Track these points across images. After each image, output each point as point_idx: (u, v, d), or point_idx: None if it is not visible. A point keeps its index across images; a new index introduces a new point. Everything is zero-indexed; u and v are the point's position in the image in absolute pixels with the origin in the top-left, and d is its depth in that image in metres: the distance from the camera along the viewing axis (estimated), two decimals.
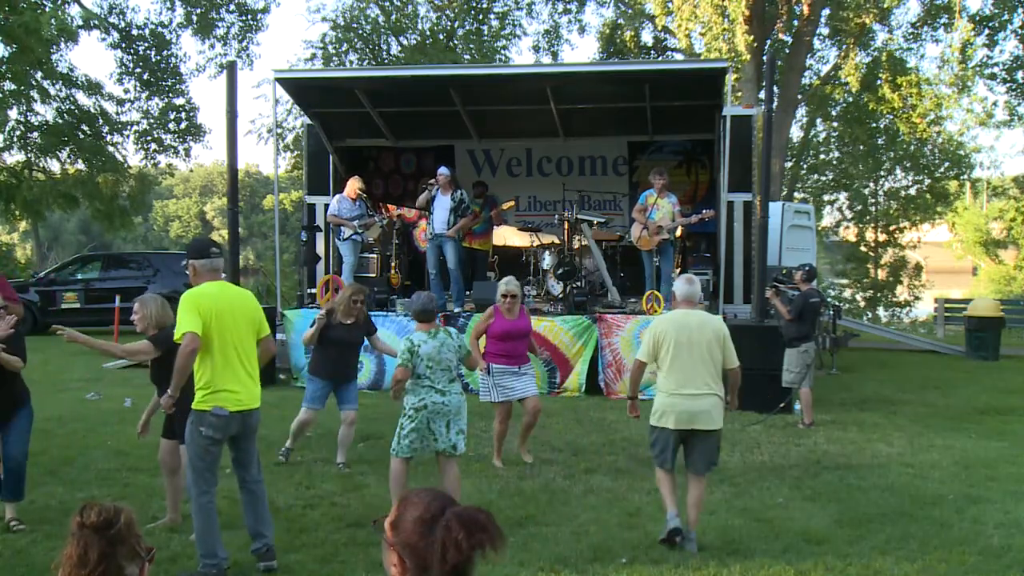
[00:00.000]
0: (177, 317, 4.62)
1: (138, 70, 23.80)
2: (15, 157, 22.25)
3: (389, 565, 1.95)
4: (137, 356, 5.93)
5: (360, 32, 25.78)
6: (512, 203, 13.16)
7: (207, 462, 4.67)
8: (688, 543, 5.11)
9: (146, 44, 23.99)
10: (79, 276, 17.50)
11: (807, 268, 9.25)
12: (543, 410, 9.26)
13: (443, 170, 11.37)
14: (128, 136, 23.80)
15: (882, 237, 29.28)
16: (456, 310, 10.97)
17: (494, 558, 1.90)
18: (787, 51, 23.16)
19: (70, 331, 5.17)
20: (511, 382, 6.97)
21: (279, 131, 23.20)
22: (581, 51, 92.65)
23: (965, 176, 28.36)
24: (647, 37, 27.13)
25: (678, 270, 12.06)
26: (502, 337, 6.98)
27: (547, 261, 11.69)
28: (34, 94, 21.02)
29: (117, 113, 23.31)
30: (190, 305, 4.55)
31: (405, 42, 25.99)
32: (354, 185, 11.48)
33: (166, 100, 24.43)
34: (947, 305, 20.84)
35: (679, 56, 24.81)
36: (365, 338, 7.27)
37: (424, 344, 5.45)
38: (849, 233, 30.36)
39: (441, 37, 25.87)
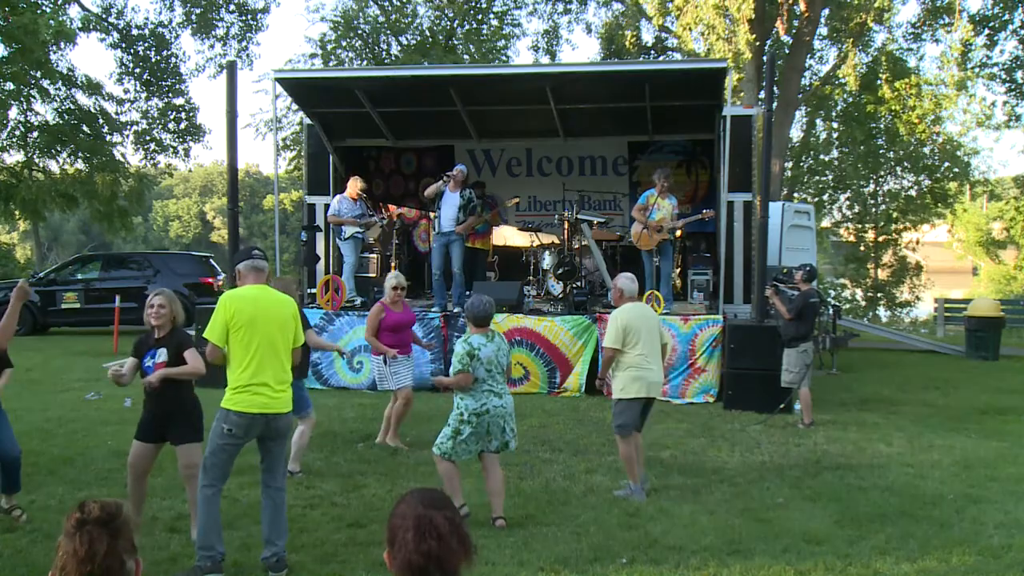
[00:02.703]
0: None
1: (138, 70, 23.82)
2: (15, 157, 22.30)
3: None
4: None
5: (360, 32, 25.79)
6: (517, 199, 13.23)
7: (220, 459, 4.70)
8: (644, 484, 6.20)
9: (146, 44, 24.01)
10: (79, 276, 17.50)
11: (807, 268, 9.24)
12: (544, 410, 9.33)
13: (461, 167, 11.29)
14: (128, 136, 23.85)
15: (882, 238, 29.27)
16: (456, 310, 10.96)
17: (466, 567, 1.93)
18: (787, 51, 23.15)
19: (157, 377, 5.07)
20: (403, 369, 7.61)
21: (278, 126, 23.20)
22: (581, 51, 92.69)
23: (964, 179, 28.33)
24: (647, 37, 27.15)
25: (678, 269, 12.08)
26: (395, 328, 7.66)
27: (547, 261, 11.70)
28: (34, 94, 21.05)
29: (117, 113, 23.35)
30: (221, 309, 4.69)
31: (405, 42, 26.00)
32: (355, 185, 11.49)
33: (166, 100, 24.46)
34: (947, 305, 20.83)
35: (679, 56, 24.81)
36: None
37: (484, 347, 5.48)
38: (849, 234, 30.32)
39: (441, 37, 25.88)
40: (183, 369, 5.06)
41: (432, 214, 11.64)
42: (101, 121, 22.54)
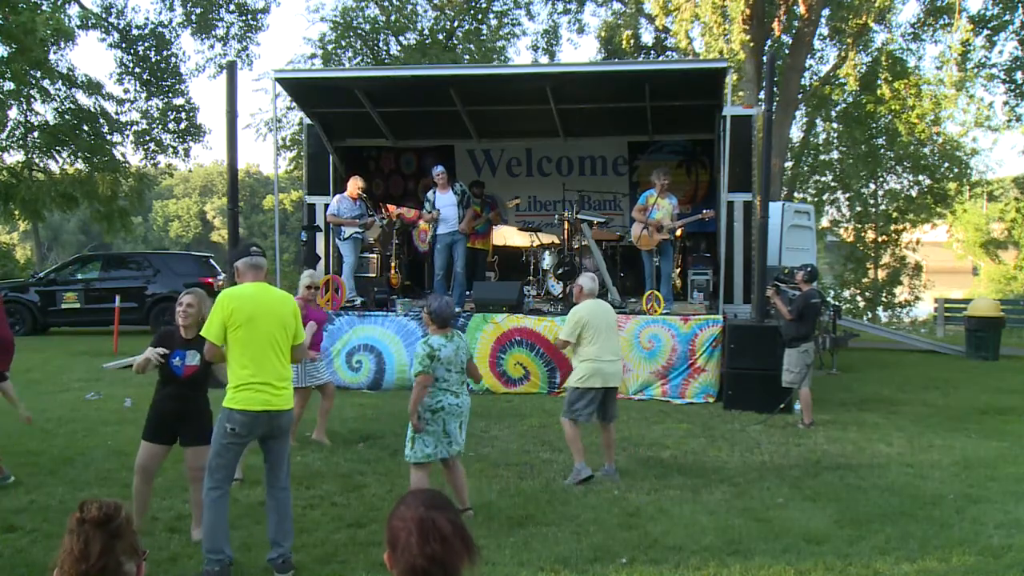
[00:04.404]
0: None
1: (138, 70, 23.81)
2: (15, 157, 22.30)
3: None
4: None
5: (360, 32, 25.79)
6: (518, 200, 13.25)
7: (225, 459, 4.71)
8: (613, 476, 6.59)
9: (146, 44, 24.01)
10: (79, 276, 17.50)
11: (808, 268, 9.24)
12: (544, 410, 9.32)
13: (439, 168, 11.40)
14: (128, 136, 23.85)
15: (882, 238, 29.26)
16: (456, 310, 10.97)
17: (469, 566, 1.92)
18: (787, 51, 23.14)
19: None
20: (315, 368, 7.69)
21: (278, 126, 23.18)
22: (581, 51, 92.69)
23: (964, 180, 28.32)
24: (647, 37, 27.16)
25: (678, 269, 12.08)
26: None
27: (547, 261, 11.70)
28: (34, 94, 21.05)
29: (117, 113, 23.36)
30: (219, 307, 4.71)
31: (405, 42, 26.00)
32: (355, 185, 11.49)
33: (166, 100, 24.45)
34: (947, 305, 20.82)
35: (678, 56, 24.80)
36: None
37: (444, 348, 5.52)
38: (848, 234, 30.32)
39: (441, 37, 25.88)
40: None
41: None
42: (101, 121, 22.54)
